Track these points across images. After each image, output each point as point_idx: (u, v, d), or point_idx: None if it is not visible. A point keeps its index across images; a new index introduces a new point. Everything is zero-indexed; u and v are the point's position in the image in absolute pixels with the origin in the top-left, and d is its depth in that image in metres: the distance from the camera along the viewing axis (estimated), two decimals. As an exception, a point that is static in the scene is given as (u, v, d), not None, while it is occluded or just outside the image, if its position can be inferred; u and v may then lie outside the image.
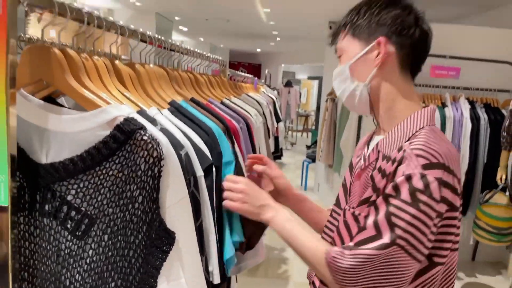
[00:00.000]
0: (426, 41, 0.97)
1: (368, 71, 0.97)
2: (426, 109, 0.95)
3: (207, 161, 0.91)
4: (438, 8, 5.37)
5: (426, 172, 0.82)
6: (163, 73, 1.20)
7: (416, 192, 0.82)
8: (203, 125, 1.02)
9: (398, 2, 0.97)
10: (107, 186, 0.70)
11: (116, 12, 7.56)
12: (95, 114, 0.71)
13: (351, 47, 0.99)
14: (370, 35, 0.96)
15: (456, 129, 3.45)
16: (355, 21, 0.99)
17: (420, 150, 0.85)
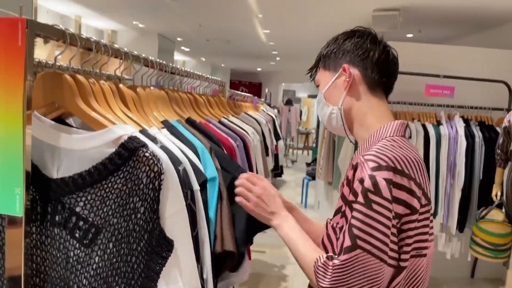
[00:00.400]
0: (387, 59, 1.07)
1: (339, 95, 1.09)
2: (393, 122, 1.04)
3: (202, 177, 0.99)
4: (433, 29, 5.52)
5: (375, 174, 0.89)
6: (163, 95, 1.29)
7: (368, 193, 0.89)
8: (190, 144, 1.10)
9: (356, 32, 1.10)
10: (112, 198, 0.78)
11: (120, 33, 7.76)
12: (102, 133, 0.79)
13: (324, 78, 1.13)
14: (337, 64, 1.09)
15: (451, 146, 3.49)
16: (324, 55, 1.13)
17: (371, 156, 0.93)
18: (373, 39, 1.08)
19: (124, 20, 6.69)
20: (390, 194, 0.88)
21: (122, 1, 5.24)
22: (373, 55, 1.06)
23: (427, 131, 3.43)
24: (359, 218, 0.89)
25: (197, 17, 5.99)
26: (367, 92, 1.07)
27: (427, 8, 4.53)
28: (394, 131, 1.02)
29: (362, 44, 1.07)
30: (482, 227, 3.29)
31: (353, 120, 1.10)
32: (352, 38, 1.08)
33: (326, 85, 1.11)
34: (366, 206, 0.89)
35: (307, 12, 5.11)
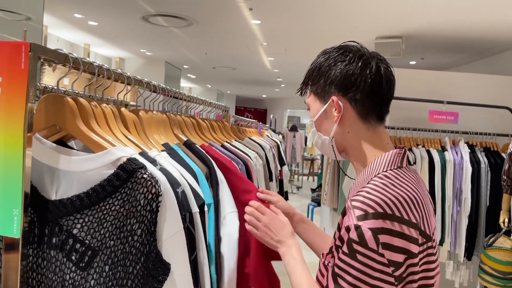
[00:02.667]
0: (380, 84, 0.98)
1: (330, 126, 1.03)
2: (387, 153, 0.97)
3: (200, 200, 0.98)
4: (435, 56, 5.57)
5: (360, 223, 0.84)
6: (164, 119, 1.30)
7: (352, 243, 0.84)
8: (189, 168, 1.10)
9: (345, 52, 1.01)
10: (110, 220, 0.78)
11: (127, 61, 7.91)
12: (101, 155, 0.80)
13: (314, 105, 1.06)
14: (326, 93, 1.02)
15: (456, 172, 3.46)
16: (313, 80, 1.05)
17: (358, 202, 0.87)
18: (364, 62, 0.98)
19: (132, 48, 6.83)
20: (376, 244, 0.83)
21: (129, 30, 5.37)
22: (364, 83, 0.97)
23: (432, 156, 3.41)
24: (344, 269, 0.86)
25: (203, 45, 6.11)
26: (359, 121, 1.00)
27: (429, 35, 4.60)
28: (388, 164, 0.95)
29: (352, 71, 0.98)
30: (490, 254, 3.22)
31: (347, 152, 1.05)
32: (341, 64, 0.99)
33: (316, 114, 1.05)
34: (351, 257, 0.85)
35: (310, 40, 5.20)
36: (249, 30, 4.88)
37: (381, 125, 1.02)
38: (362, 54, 0.99)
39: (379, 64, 0.99)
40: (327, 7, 3.91)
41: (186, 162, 1.13)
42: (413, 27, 4.34)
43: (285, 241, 1.09)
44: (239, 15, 4.25)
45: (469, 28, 4.19)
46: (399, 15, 4.00)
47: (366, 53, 1.01)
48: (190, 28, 4.91)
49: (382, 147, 0.99)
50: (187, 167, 1.11)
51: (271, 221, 1.11)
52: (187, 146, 1.29)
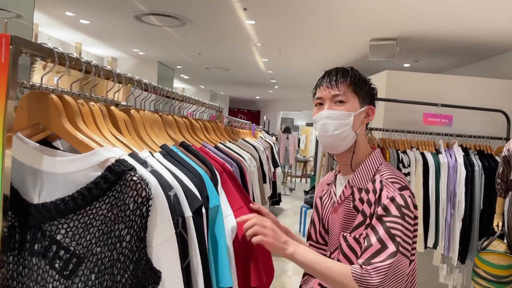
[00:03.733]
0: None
1: (359, 125, 1.28)
2: (376, 150, 1.31)
3: (197, 202, 0.93)
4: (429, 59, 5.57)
5: (403, 192, 1.15)
6: (157, 118, 1.25)
7: (402, 208, 1.13)
8: (193, 169, 1.05)
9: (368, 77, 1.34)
10: (97, 225, 0.73)
11: (120, 60, 7.83)
12: (88, 156, 0.75)
13: (354, 102, 1.28)
14: (364, 100, 1.29)
15: (450, 175, 3.45)
16: (358, 84, 1.28)
17: (392, 178, 1.19)
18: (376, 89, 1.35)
19: (124, 48, 6.75)
20: (413, 207, 1.15)
21: (122, 29, 5.30)
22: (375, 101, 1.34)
23: (426, 159, 3.40)
24: (396, 227, 1.10)
25: (197, 45, 6.05)
26: (364, 127, 1.32)
27: (423, 38, 4.59)
28: (380, 158, 1.29)
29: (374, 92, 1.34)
30: (484, 258, 3.20)
31: (357, 147, 1.30)
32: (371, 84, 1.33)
33: (355, 111, 1.27)
34: (401, 218, 1.11)
35: (305, 41, 5.17)
36: (243, 31, 4.83)
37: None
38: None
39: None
40: (322, 9, 3.89)
41: (189, 164, 1.09)
42: (407, 29, 4.32)
43: (289, 240, 1.18)
44: (234, 15, 4.21)
45: (463, 31, 4.19)
46: (394, 17, 3.98)
47: None
48: (184, 27, 4.85)
49: (369, 146, 1.34)
50: (191, 169, 1.06)
51: (273, 226, 1.17)
52: (185, 148, 1.24)
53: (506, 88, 4.05)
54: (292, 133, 11.27)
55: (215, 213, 1.06)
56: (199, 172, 1.06)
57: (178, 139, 1.28)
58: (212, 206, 1.06)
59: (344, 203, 1.27)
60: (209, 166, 1.16)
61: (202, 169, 1.10)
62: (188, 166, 1.06)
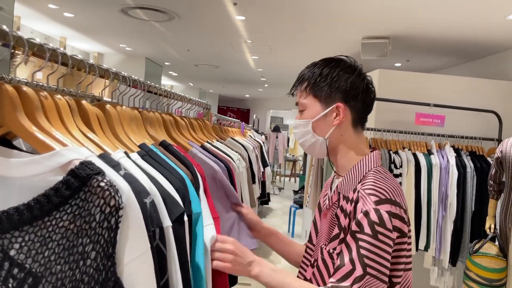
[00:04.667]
0: (372, 103, 1.18)
1: (327, 128, 1.17)
2: (371, 153, 1.16)
3: (179, 209, 0.83)
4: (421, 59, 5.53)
5: (378, 207, 1.01)
6: (136, 115, 1.14)
7: (374, 225, 1.00)
8: (175, 172, 0.95)
9: (353, 68, 1.15)
10: (56, 239, 0.62)
11: (106, 56, 7.66)
12: (47, 157, 0.64)
13: (313, 107, 1.17)
14: (330, 98, 1.15)
15: (443, 176, 3.41)
16: (317, 83, 1.15)
17: (371, 189, 1.05)
18: (366, 78, 1.16)
19: (111, 43, 6.58)
20: (391, 224, 1.01)
21: (108, 23, 5.15)
22: (365, 97, 1.15)
23: (418, 160, 3.35)
24: (368, 248, 0.99)
25: (185, 41, 5.92)
26: (351, 127, 1.17)
27: (415, 37, 4.53)
28: (375, 162, 1.15)
29: (358, 84, 1.14)
30: (476, 261, 3.15)
31: (336, 151, 1.20)
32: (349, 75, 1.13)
33: (315, 116, 1.16)
34: (373, 237, 0.99)
35: (296, 39, 5.08)
36: (233, 27, 4.72)
37: (363, 131, 1.22)
38: (361, 70, 1.17)
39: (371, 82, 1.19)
40: (313, 6, 3.80)
41: (171, 166, 0.98)
42: (400, 28, 4.26)
43: (254, 259, 1.09)
44: (223, 10, 4.10)
45: (457, 30, 4.14)
46: (387, 15, 3.92)
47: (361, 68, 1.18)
48: (172, 22, 4.73)
49: (364, 149, 1.19)
50: (173, 171, 0.96)
51: (234, 246, 1.07)
52: (165, 148, 1.13)
53: (499, 88, 4.02)
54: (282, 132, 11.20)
55: (195, 221, 0.96)
56: (181, 174, 0.95)
57: (158, 138, 1.17)
58: (194, 213, 0.95)
59: (331, 208, 1.18)
60: (191, 168, 1.05)
61: (183, 172, 0.99)
62: (169, 168, 0.95)
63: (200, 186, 1.08)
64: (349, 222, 1.05)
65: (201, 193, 1.07)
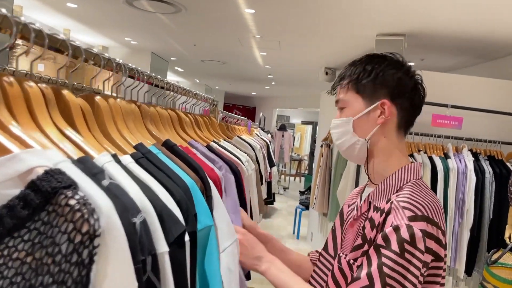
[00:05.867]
0: (421, 105, 1.07)
1: (370, 128, 1.04)
2: (413, 164, 1.04)
3: (178, 228, 0.66)
4: (436, 58, 5.33)
5: (412, 224, 0.89)
6: (133, 109, 0.97)
7: (404, 243, 0.88)
8: (177, 178, 0.78)
9: (401, 64, 1.05)
10: (9, 276, 0.45)
11: (111, 49, 7.49)
12: (2, 162, 0.47)
13: (355, 104, 1.05)
14: (374, 95, 1.03)
15: (460, 181, 3.25)
16: (360, 78, 1.04)
17: (406, 203, 0.92)
18: (417, 77, 1.06)
19: (115, 36, 6.41)
20: (424, 245, 0.88)
21: (112, 15, 4.99)
22: (414, 96, 1.04)
23: (435, 164, 3.19)
24: (391, 266, 0.88)
25: (192, 35, 5.74)
26: (395, 130, 1.05)
27: (432, 35, 4.33)
28: (416, 174, 1.02)
29: (406, 81, 1.03)
30: (494, 272, 2.97)
31: (375, 155, 1.07)
32: (396, 71, 1.03)
33: (357, 114, 1.05)
34: (400, 255, 0.88)
35: (306, 35, 4.89)
36: (242, 20, 4.54)
37: (405, 137, 1.10)
38: (411, 68, 1.06)
39: (421, 83, 1.07)
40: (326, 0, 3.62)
41: (173, 171, 0.81)
42: (416, 25, 4.07)
43: (264, 256, 1.05)
44: (232, 2, 3.92)
45: (474, 28, 3.95)
46: (403, 11, 3.73)
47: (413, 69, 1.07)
48: (178, 15, 4.55)
49: (405, 158, 1.06)
50: (175, 177, 0.79)
51: (243, 237, 1.03)
52: (169, 149, 0.96)
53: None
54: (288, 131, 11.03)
55: (205, 237, 0.79)
56: (184, 181, 0.78)
57: (161, 137, 1.00)
58: (202, 227, 0.79)
59: (360, 219, 1.07)
60: (201, 172, 0.88)
61: (190, 177, 0.82)
62: (171, 174, 0.78)
63: (212, 195, 0.91)
64: (376, 235, 0.94)
65: (215, 203, 0.90)
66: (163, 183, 0.74)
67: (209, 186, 0.88)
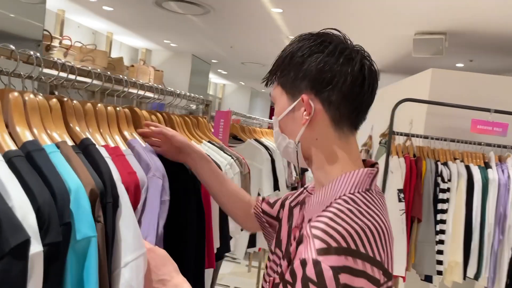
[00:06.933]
0: (362, 85, 0.83)
1: (297, 129, 0.88)
2: (357, 171, 0.83)
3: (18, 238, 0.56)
4: (486, 59, 4.91)
5: (320, 259, 0.71)
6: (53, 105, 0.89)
7: (309, 283, 0.71)
8: (56, 181, 0.68)
9: (325, 44, 0.85)
10: None
11: (154, 52, 7.67)
12: None
13: (280, 100, 0.91)
14: (296, 89, 0.87)
15: (501, 194, 2.96)
16: (283, 70, 0.89)
17: (319, 230, 0.73)
18: (346, 56, 0.83)
19: (155, 38, 6.54)
20: (336, 285, 0.69)
21: (144, 16, 5.06)
22: (344, 82, 0.82)
23: (472, 174, 2.92)
24: None
25: (226, 37, 5.72)
26: (330, 127, 0.86)
27: (477, 33, 3.97)
28: (356, 184, 0.82)
29: (331, 66, 0.82)
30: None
31: (312, 160, 0.90)
32: (318, 55, 0.83)
33: (282, 112, 0.90)
34: None
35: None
36: (271, 21, 4.42)
37: (353, 134, 0.89)
38: (344, 47, 0.85)
39: (364, 60, 0.85)
40: (358, -4, 3.42)
41: (55, 174, 0.72)
42: (459, 22, 3.74)
43: (169, 280, 0.86)
44: (258, 1, 3.82)
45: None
46: (443, 7, 3.43)
47: (349, 46, 0.87)
48: (208, 16, 4.53)
49: (352, 161, 0.87)
50: (54, 180, 0.70)
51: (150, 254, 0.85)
52: (83, 148, 0.87)
53: None
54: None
55: (84, 248, 0.68)
56: (65, 186, 0.69)
57: (84, 135, 0.91)
58: (81, 238, 0.68)
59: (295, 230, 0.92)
60: (105, 176, 0.78)
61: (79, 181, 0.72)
62: (51, 176, 0.69)
63: (120, 202, 0.81)
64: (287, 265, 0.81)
65: (122, 211, 0.80)
66: (29, 186, 0.64)
67: (113, 192, 0.77)
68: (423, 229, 2.85)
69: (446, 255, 2.90)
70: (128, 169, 0.89)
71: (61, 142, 0.81)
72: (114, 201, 0.77)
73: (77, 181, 0.71)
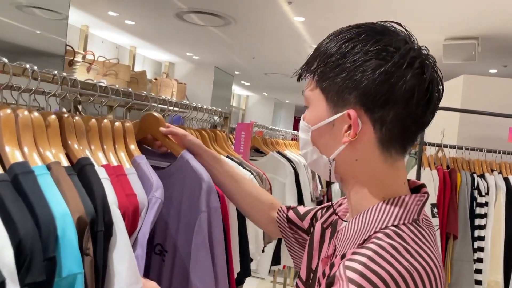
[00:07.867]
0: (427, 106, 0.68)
1: (334, 145, 0.72)
2: (404, 197, 0.68)
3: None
4: (521, 62, 4.66)
5: None
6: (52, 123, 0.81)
7: None
8: (42, 209, 0.59)
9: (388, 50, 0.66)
10: None
11: (177, 65, 7.69)
12: None
13: (317, 106, 0.74)
14: (340, 100, 0.69)
15: (543, 211, 2.76)
16: (325, 73, 0.71)
17: (355, 274, 0.60)
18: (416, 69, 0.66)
19: (177, 52, 6.54)
20: None
21: (166, 29, 5.05)
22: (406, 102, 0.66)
23: (511, 186, 2.72)
24: None
25: (247, 48, 5.65)
26: (376, 149, 0.70)
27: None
28: (402, 214, 0.66)
29: (395, 81, 0.65)
30: None
31: (348, 182, 0.75)
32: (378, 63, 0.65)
33: (317, 121, 0.73)
34: None
35: (367, 42, 4.54)
36: (293, 30, 4.32)
37: (402, 158, 0.73)
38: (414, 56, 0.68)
39: (433, 74, 0.69)
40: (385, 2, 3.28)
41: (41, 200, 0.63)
42: (492, 26, 3.55)
43: None
44: (279, 10, 3.73)
45: None
46: (475, 11, 3.25)
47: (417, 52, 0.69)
48: (229, 28, 4.47)
49: (396, 187, 0.71)
50: (39, 208, 0.61)
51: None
52: (78, 168, 0.79)
53: None
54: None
55: (70, 286, 0.59)
56: (51, 214, 0.59)
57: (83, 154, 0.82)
58: (66, 275, 0.59)
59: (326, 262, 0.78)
60: (98, 201, 0.69)
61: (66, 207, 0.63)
62: (37, 204, 0.60)
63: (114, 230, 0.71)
64: None
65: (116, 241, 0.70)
66: (11, 216, 0.55)
67: (106, 219, 0.68)
68: (459, 247, 2.66)
69: (485, 274, 2.70)
70: (127, 191, 0.79)
71: (53, 163, 0.72)
72: (107, 230, 0.68)
73: (64, 208, 0.62)
